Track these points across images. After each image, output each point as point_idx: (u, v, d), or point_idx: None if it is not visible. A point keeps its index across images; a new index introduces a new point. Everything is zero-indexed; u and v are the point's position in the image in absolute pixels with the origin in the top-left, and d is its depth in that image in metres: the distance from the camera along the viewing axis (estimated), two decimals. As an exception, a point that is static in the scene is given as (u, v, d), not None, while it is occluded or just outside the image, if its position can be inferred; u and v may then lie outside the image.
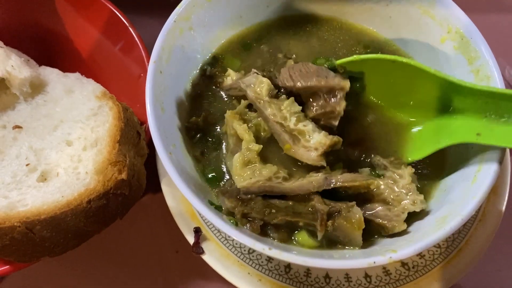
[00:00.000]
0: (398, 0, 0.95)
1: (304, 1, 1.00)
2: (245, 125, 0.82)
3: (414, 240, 0.73)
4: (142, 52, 1.01)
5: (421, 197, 0.80)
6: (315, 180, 0.78)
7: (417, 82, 0.83)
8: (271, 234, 0.79)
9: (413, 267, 0.86)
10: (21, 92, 0.96)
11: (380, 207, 0.80)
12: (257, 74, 0.87)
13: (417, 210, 0.79)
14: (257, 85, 0.85)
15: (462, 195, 0.77)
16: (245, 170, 0.79)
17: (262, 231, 0.78)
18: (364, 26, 1.01)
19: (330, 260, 0.70)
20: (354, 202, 0.76)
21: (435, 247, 0.87)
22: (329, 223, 0.75)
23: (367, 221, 0.77)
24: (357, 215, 0.75)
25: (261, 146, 0.81)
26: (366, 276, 0.86)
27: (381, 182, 0.81)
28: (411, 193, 0.80)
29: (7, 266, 0.83)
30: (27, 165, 0.86)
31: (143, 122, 0.95)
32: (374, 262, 0.68)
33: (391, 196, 0.80)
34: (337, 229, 0.75)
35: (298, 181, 0.78)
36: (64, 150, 0.88)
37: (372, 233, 0.80)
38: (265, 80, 0.84)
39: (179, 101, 0.89)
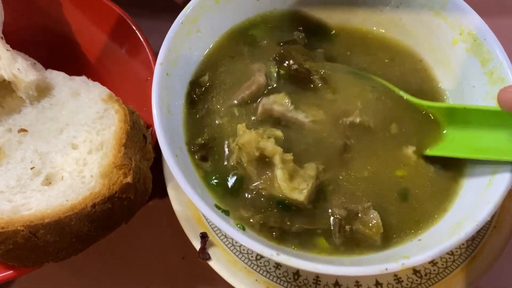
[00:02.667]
0: (408, 2, 0.93)
1: (312, 9, 0.99)
2: (271, 139, 0.79)
3: (427, 246, 0.71)
4: (149, 55, 1.00)
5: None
6: None
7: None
8: (290, 241, 0.77)
9: (425, 275, 0.84)
10: (27, 95, 0.95)
11: None
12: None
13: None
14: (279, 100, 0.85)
15: (476, 200, 0.75)
16: (296, 183, 0.77)
17: (281, 239, 0.76)
18: (373, 28, 0.99)
19: (340, 267, 0.68)
20: (370, 203, 0.75)
21: (448, 254, 0.85)
22: (347, 228, 0.75)
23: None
24: (374, 220, 0.74)
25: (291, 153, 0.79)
26: (377, 283, 0.83)
27: None
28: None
29: (11, 271, 0.81)
30: (31, 168, 0.85)
31: (150, 126, 0.94)
32: (386, 269, 0.66)
33: None
34: (356, 233, 0.75)
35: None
36: (70, 153, 0.87)
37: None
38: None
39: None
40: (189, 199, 0.71)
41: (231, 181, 0.81)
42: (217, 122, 0.86)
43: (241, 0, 0.92)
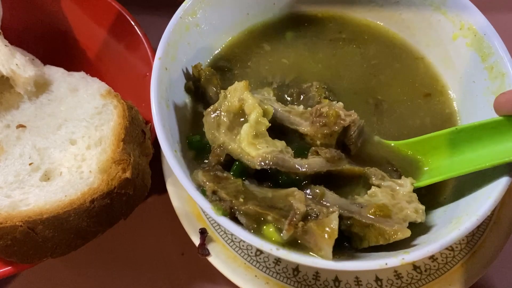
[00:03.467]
0: (407, -3, 0.93)
1: (309, 5, 0.99)
2: (258, 97, 0.79)
3: (427, 241, 0.71)
4: (148, 51, 0.99)
5: (423, 207, 0.74)
6: (317, 161, 0.76)
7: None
8: (239, 219, 0.71)
9: (425, 271, 0.84)
10: (25, 91, 0.95)
11: None
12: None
13: (419, 220, 0.72)
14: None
15: (477, 195, 0.75)
16: (258, 140, 0.75)
17: (231, 215, 0.72)
18: (372, 22, 0.98)
19: (340, 262, 0.67)
20: (336, 209, 0.70)
21: (448, 250, 0.85)
22: (300, 224, 0.68)
23: (367, 226, 0.71)
24: (332, 224, 0.67)
25: (269, 124, 0.77)
26: (377, 279, 0.83)
27: (378, 190, 0.76)
28: (413, 202, 0.75)
29: (9, 267, 0.81)
30: (30, 164, 0.85)
31: (149, 122, 0.94)
32: (386, 264, 0.66)
33: (391, 204, 0.74)
34: (307, 233, 0.68)
35: (304, 160, 0.76)
36: (68, 149, 0.87)
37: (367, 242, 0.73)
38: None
39: (185, 99, 0.87)
40: (189, 194, 0.71)
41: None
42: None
43: (240, -5, 0.92)
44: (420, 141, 0.82)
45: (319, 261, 0.66)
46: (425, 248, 0.67)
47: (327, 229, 0.67)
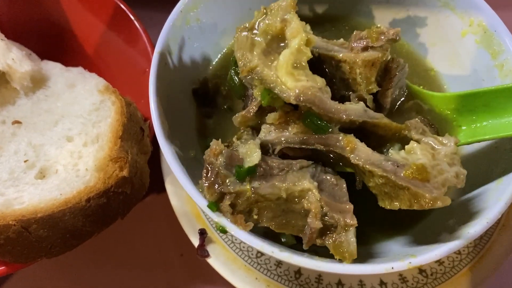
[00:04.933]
0: (415, -8, 0.90)
1: (314, 3, 0.96)
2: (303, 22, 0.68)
3: (435, 244, 0.68)
4: (148, 46, 0.97)
5: (465, 172, 0.64)
6: (355, 109, 0.68)
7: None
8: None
9: (431, 274, 0.81)
10: (21, 86, 0.93)
11: None
12: None
13: (459, 186, 0.64)
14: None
15: (486, 197, 0.72)
16: (297, 71, 0.65)
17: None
18: (378, 20, 0.96)
19: (344, 265, 0.65)
20: (353, 223, 0.64)
21: (455, 254, 0.82)
22: (318, 241, 0.66)
23: (401, 188, 0.63)
24: (351, 246, 0.64)
25: (311, 55, 0.66)
26: (381, 283, 0.81)
27: (417, 147, 0.66)
28: (455, 165, 0.64)
29: (3, 267, 0.79)
30: (25, 161, 0.83)
31: (147, 119, 0.91)
32: (392, 268, 0.64)
33: (430, 165, 0.64)
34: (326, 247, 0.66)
35: (342, 105, 0.67)
36: (64, 146, 0.84)
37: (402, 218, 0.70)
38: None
39: (186, 96, 0.85)
40: (188, 194, 0.68)
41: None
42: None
43: (243, -12, 0.89)
44: (470, 95, 0.75)
45: (323, 264, 0.64)
46: (432, 252, 0.65)
47: (345, 250, 0.64)
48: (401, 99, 0.81)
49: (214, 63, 0.92)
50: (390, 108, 0.78)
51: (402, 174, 0.63)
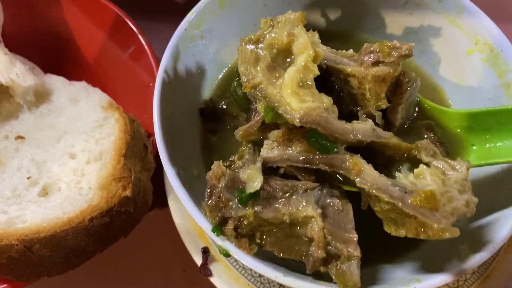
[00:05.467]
0: (421, 9, 0.89)
1: (320, 16, 0.95)
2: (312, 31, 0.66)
3: (440, 268, 0.67)
4: (151, 60, 0.96)
5: (476, 200, 0.61)
6: (363, 128, 0.65)
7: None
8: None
9: (435, 295, 0.80)
10: (24, 101, 0.93)
11: None
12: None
13: (468, 215, 0.60)
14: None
15: (492, 220, 0.71)
16: (303, 90, 0.61)
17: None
18: (384, 36, 0.95)
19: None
20: (357, 254, 0.63)
21: (460, 274, 0.81)
22: (322, 268, 0.64)
23: (408, 216, 0.60)
24: (354, 277, 0.62)
25: (318, 72, 0.63)
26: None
27: (427, 171, 0.62)
28: (465, 192, 0.61)
29: (5, 285, 0.79)
30: (28, 178, 0.83)
31: (151, 134, 0.91)
32: (397, 293, 0.63)
33: (440, 192, 0.60)
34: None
35: (349, 124, 0.65)
36: (67, 163, 0.84)
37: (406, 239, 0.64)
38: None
39: (190, 114, 0.84)
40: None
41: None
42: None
43: (247, 5, 0.88)
44: (485, 112, 0.72)
45: (327, 289, 0.63)
46: (438, 277, 0.64)
47: (348, 280, 0.63)
48: (412, 116, 0.79)
49: (219, 79, 0.91)
50: (400, 125, 0.76)
51: (409, 201, 0.60)
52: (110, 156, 0.81)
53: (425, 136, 0.74)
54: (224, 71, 0.92)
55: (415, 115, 0.79)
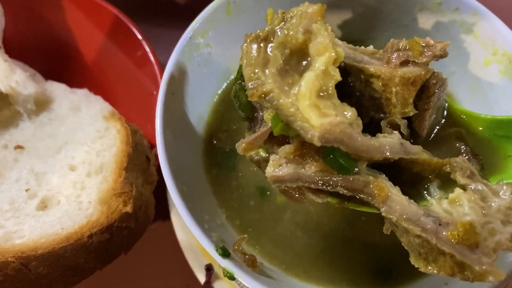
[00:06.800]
0: (436, 17, 0.85)
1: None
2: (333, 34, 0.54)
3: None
4: (155, 68, 0.94)
5: None
6: (390, 143, 0.56)
7: None
8: None
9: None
10: (25, 109, 0.90)
11: None
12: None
13: None
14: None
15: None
16: (324, 102, 0.51)
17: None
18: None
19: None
20: None
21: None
22: None
23: (443, 253, 0.51)
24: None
25: (340, 78, 0.52)
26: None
27: (463, 196, 0.53)
28: (510, 223, 0.51)
29: (1, 302, 0.76)
30: (26, 190, 0.80)
31: (154, 145, 0.88)
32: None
33: (480, 223, 0.51)
34: None
35: (374, 139, 0.55)
36: (67, 175, 0.81)
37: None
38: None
39: (195, 126, 0.81)
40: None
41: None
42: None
43: (255, 13, 0.85)
44: None
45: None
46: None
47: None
48: (440, 123, 0.69)
49: (223, 88, 0.88)
50: (426, 134, 0.67)
51: (444, 235, 0.51)
52: (111, 169, 0.78)
53: (457, 145, 0.65)
54: (229, 80, 0.88)
55: (442, 122, 0.69)
